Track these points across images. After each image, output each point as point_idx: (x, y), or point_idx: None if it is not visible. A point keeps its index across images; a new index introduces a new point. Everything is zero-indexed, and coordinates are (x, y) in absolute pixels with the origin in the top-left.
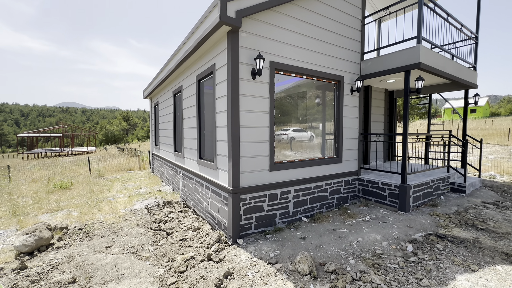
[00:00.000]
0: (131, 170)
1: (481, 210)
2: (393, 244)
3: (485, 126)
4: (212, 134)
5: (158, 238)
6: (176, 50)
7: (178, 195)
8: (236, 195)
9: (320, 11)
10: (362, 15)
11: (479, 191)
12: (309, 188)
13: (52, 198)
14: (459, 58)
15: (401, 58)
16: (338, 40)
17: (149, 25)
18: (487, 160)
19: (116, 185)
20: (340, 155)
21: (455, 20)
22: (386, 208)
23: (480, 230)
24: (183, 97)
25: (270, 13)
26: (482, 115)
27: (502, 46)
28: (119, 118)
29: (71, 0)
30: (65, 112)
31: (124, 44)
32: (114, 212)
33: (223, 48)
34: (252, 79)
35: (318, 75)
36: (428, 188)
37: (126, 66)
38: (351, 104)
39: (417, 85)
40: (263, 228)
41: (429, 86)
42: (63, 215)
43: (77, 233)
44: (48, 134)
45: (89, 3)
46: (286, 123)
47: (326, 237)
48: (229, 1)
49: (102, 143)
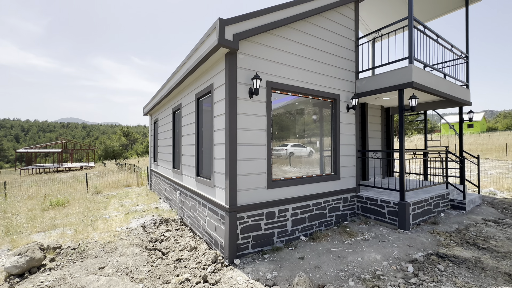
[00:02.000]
0: (129, 186)
1: (482, 228)
2: (394, 265)
3: (483, 141)
4: (210, 151)
5: (153, 258)
6: (176, 70)
7: (175, 212)
8: (233, 213)
9: (315, 34)
10: (356, 36)
11: (479, 208)
12: (307, 206)
13: (47, 216)
14: (451, 76)
15: (394, 77)
16: (333, 60)
17: (152, 43)
18: (486, 176)
19: (113, 202)
20: (338, 172)
21: (445, 41)
22: (386, 226)
23: (482, 249)
24: (182, 115)
25: (267, 35)
26: (480, 130)
27: (497, 62)
28: (119, 133)
29: (77, 19)
30: (66, 127)
31: (127, 62)
32: (109, 230)
33: (221, 68)
34: (250, 98)
35: (314, 93)
36: (428, 205)
37: (128, 82)
38: (348, 121)
39: (411, 103)
40: (261, 247)
41: (423, 103)
42: (57, 234)
43: (71, 253)
44: (47, 149)
45: (95, 22)
46: (284, 138)
47: (325, 257)
48: (227, 25)
49: (101, 158)
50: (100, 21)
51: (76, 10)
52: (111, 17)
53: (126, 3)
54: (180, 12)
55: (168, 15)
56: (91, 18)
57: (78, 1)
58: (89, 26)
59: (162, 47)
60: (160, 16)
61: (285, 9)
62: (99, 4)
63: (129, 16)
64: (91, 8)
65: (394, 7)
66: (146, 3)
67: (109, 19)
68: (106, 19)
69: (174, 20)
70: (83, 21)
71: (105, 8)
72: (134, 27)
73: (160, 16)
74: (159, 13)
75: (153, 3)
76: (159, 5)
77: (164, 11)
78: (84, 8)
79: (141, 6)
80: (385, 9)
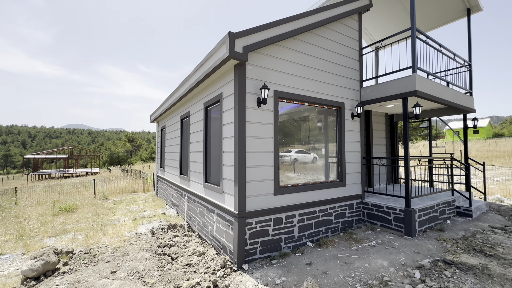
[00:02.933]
0: (135, 192)
1: (489, 235)
2: (401, 271)
3: (489, 147)
4: (218, 158)
5: (163, 263)
6: (185, 79)
7: (182, 218)
8: (242, 219)
9: (320, 44)
10: (360, 46)
11: (486, 215)
12: (313, 212)
13: (58, 221)
14: (454, 84)
15: (398, 86)
16: (337, 70)
17: (157, 50)
18: (493, 183)
19: (120, 207)
20: (343, 179)
21: (448, 50)
22: (392, 232)
23: (489, 256)
24: (190, 122)
25: (274, 47)
26: (486, 136)
27: (502, 68)
28: (124, 139)
29: (85, 28)
30: (72, 133)
31: (133, 69)
32: (119, 235)
33: (231, 79)
34: (258, 107)
35: (319, 102)
36: (434, 212)
37: (133, 89)
38: (353, 129)
39: (415, 111)
40: (269, 253)
41: (427, 111)
42: (69, 238)
43: (83, 257)
44: (54, 155)
45: (103, 30)
46: (288, 144)
47: (332, 263)
48: (236, 38)
49: (106, 164)
50: (108, 29)
51: (84, 19)
52: (119, 26)
53: (134, 12)
54: (185, 20)
55: (174, 24)
56: (99, 27)
57: (87, 11)
58: (97, 34)
59: (167, 55)
60: (167, 25)
61: (291, 22)
62: (107, 13)
63: (136, 25)
64: (100, 17)
65: (397, 17)
66: (154, 13)
67: (117, 27)
68: (114, 27)
69: (179, 28)
70: (91, 29)
71: (113, 17)
72: (140, 35)
73: (166, 25)
74: (165, 21)
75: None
76: (166, 14)
77: (171, 20)
78: (93, 17)
79: (148, 14)
80: (388, 19)
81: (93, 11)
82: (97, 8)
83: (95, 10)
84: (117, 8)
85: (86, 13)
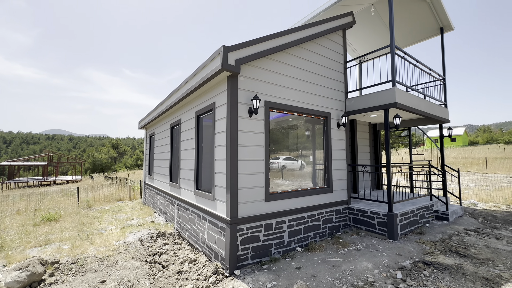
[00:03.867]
0: (121, 200)
1: (464, 237)
2: (384, 272)
3: (465, 154)
4: (210, 166)
5: (154, 271)
6: (176, 88)
7: (172, 226)
8: (234, 225)
9: (308, 58)
10: (344, 59)
11: (461, 218)
12: (302, 218)
13: (40, 231)
14: (430, 97)
15: (380, 98)
16: (324, 82)
17: (144, 55)
18: (468, 188)
19: (106, 216)
20: (330, 185)
21: (424, 65)
22: (376, 236)
23: (463, 256)
24: (181, 130)
25: (265, 60)
26: (462, 143)
27: (476, 80)
28: (108, 146)
29: (68, 31)
30: (51, 139)
31: (118, 74)
32: (107, 245)
33: (223, 89)
34: (249, 116)
35: (308, 112)
36: (414, 216)
37: (118, 94)
38: (339, 138)
39: (396, 122)
40: (260, 258)
41: (407, 120)
42: (53, 249)
43: (70, 267)
44: (31, 162)
45: (87, 34)
46: (277, 151)
47: (321, 267)
48: (230, 51)
49: (89, 171)
50: (92, 33)
51: (67, 22)
52: (104, 30)
53: (119, 15)
54: (173, 26)
55: (162, 29)
56: (83, 30)
57: (70, 13)
58: (81, 38)
59: (154, 60)
60: (153, 29)
61: (281, 36)
62: (91, 17)
63: (122, 29)
64: (83, 20)
65: (378, 33)
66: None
67: (102, 31)
68: (99, 31)
69: (167, 33)
70: (74, 33)
71: (97, 21)
72: (126, 39)
73: (153, 29)
74: (152, 26)
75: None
76: (153, 18)
77: (157, 25)
78: (76, 20)
79: (134, 18)
80: (370, 34)
81: (77, 15)
82: (81, 12)
83: (79, 14)
84: (102, 12)
85: (70, 16)
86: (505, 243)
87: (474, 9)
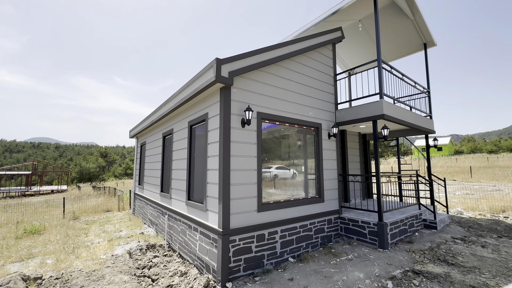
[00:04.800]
0: (109, 211)
1: (451, 245)
2: (375, 282)
3: (451, 163)
4: (202, 176)
5: (144, 286)
6: (169, 98)
7: (162, 237)
8: (226, 236)
9: (299, 70)
10: (334, 72)
11: (449, 227)
12: (294, 228)
13: (23, 245)
14: (416, 109)
15: (368, 109)
16: (315, 93)
17: (135, 63)
18: (454, 197)
19: (93, 228)
20: (322, 195)
21: (409, 79)
22: (367, 245)
23: (451, 264)
24: (173, 140)
25: (258, 72)
26: (448, 153)
27: (461, 92)
28: (96, 154)
29: (58, 38)
30: (36, 147)
31: (108, 81)
32: (93, 258)
33: (216, 100)
34: (242, 127)
35: (299, 123)
36: (403, 225)
37: (108, 102)
38: (329, 148)
39: (384, 133)
40: (252, 270)
41: (394, 131)
42: (36, 263)
43: (54, 283)
44: (14, 171)
45: (77, 41)
46: (269, 160)
47: (313, 277)
48: (223, 64)
49: (75, 181)
50: (83, 41)
51: (57, 30)
52: (94, 37)
53: (111, 23)
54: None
55: (153, 37)
56: (73, 38)
57: (60, 20)
58: (71, 46)
59: (146, 68)
60: (145, 38)
61: (274, 50)
62: (83, 24)
63: (113, 36)
64: (74, 27)
65: (366, 47)
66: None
67: (92, 39)
68: (89, 39)
69: (159, 41)
70: (64, 40)
71: (89, 29)
72: (117, 47)
73: (144, 37)
74: (144, 34)
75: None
76: (144, 26)
77: (149, 33)
78: (66, 26)
79: (126, 27)
80: (358, 48)
81: (68, 22)
82: (71, 19)
83: (69, 21)
84: (93, 19)
85: (60, 24)
86: (490, 251)
87: (449, 30)
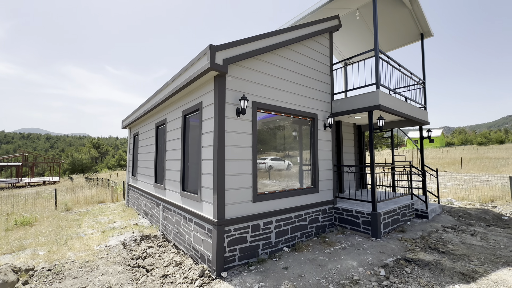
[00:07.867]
0: (103, 202)
1: (442, 234)
2: (368, 270)
3: (442, 155)
4: (196, 166)
5: (138, 276)
6: (162, 87)
7: (156, 228)
8: (221, 227)
9: (295, 59)
10: (331, 62)
11: (440, 216)
12: (289, 218)
13: (13, 236)
14: (411, 100)
15: (364, 100)
16: (311, 83)
17: (129, 53)
18: (445, 187)
19: (86, 219)
20: (317, 185)
21: (405, 69)
22: (361, 235)
23: (441, 252)
24: (167, 130)
25: (253, 60)
26: (439, 144)
27: (454, 85)
28: (89, 145)
29: (46, 25)
30: (26, 138)
31: (100, 71)
32: (87, 249)
33: (211, 89)
34: (237, 117)
35: (295, 113)
36: (396, 215)
37: (100, 92)
38: (325, 138)
39: (379, 124)
40: (247, 259)
41: (389, 122)
42: (28, 255)
43: (46, 274)
44: (4, 163)
45: (67, 29)
46: (264, 151)
47: (307, 266)
48: (217, 51)
49: (67, 172)
50: (73, 28)
51: (45, 15)
52: (85, 25)
53: (101, 11)
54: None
55: (146, 25)
56: (62, 25)
57: (49, 5)
58: (60, 33)
59: (140, 57)
60: (138, 26)
61: (270, 37)
62: (72, 11)
63: (104, 25)
64: (63, 14)
65: (363, 36)
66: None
67: (83, 26)
68: (79, 26)
69: (151, 30)
70: (53, 27)
71: (78, 16)
72: (109, 36)
73: (137, 26)
74: (137, 22)
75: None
76: (136, 15)
77: (142, 21)
78: (55, 13)
79: (118, 15)
80: (355, 38)
81: (55, 7)
82: (60, 4)
83: (57, 7)
84: (84, 6)
85: (48, 8)
86: (479, 239)
87: (443, 26)
